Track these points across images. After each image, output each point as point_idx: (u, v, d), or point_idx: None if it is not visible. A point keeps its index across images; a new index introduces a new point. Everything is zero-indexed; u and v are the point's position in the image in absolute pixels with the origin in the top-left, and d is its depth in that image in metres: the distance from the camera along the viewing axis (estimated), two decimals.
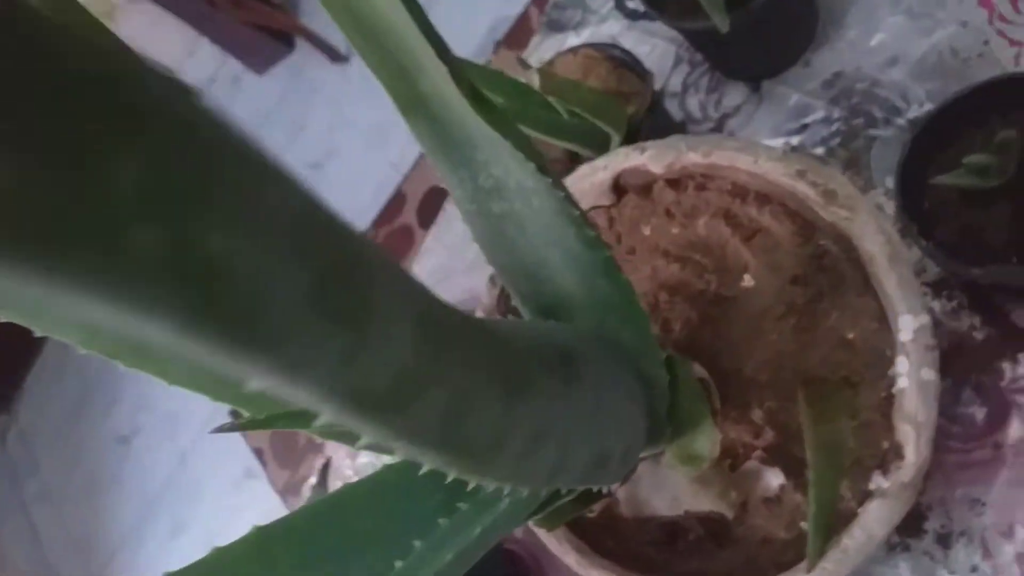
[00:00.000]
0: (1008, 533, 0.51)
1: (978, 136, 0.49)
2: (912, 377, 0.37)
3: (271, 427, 0.28)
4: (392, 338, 0.17)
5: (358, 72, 2.14)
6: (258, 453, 1.99)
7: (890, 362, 0.40)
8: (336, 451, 0.84)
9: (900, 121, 0.60)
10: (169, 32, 2.34)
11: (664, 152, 0.45)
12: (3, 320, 0.26)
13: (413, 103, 0.28)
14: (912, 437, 0.37)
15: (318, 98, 2.21)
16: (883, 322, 0.40)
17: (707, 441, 0.35)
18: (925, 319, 0.37)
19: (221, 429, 0.28)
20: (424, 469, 0.22)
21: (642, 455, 0.36)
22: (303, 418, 0.27)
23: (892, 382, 0.39)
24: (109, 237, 0.11)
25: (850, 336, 0.41)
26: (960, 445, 0.53)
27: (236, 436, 2.03)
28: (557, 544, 0.45)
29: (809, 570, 0.38)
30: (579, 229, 0.31)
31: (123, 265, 0.11)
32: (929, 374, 0.37)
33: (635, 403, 0.33)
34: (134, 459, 2.22)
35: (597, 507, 0.44)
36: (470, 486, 0.31)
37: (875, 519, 0.37)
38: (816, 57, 0.65)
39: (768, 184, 0.43)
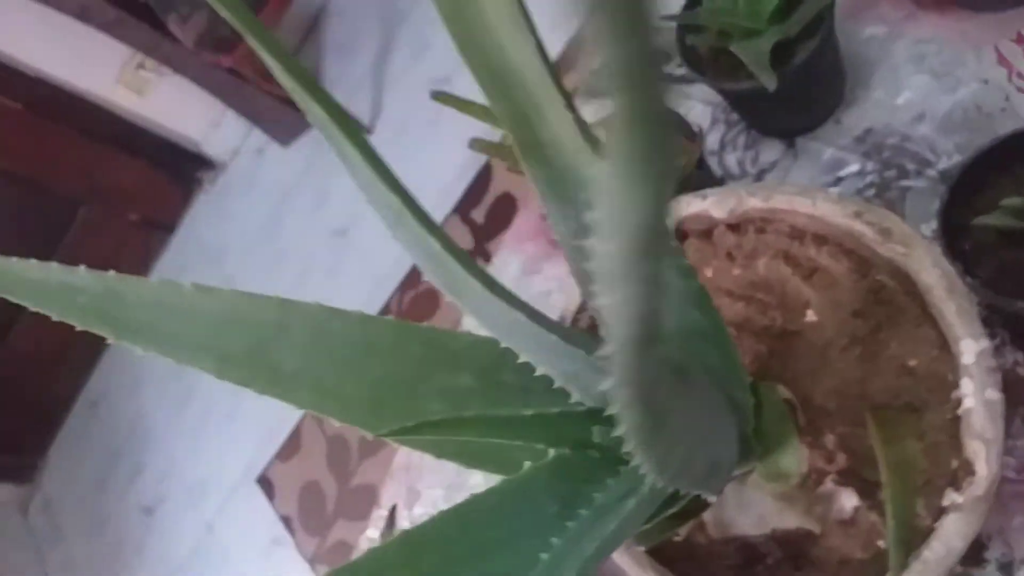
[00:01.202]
0: None
1: (1010, 182, 0.53)
2: (977, 397, 0.40)
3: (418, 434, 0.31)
4: None
5: (380, 142, 2.21)
6: (286, 521, 2.00)
7: (953, 385, 0.42)
8: (393, 500, 0.86)
9: (931, 172, 0.64)
10: (196, 104, 2.42)
11: (726, 198, 0.49)
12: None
13: (532, 147, 0.32)
14: (982, 453, 0.40)
15: (341, 168, 2.28)
16: (943, 349, 0.43)
17: (794, 458, 0.38)
18: (986, 343, 0.40)
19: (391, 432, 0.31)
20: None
21: (733, 473, 0.38)
22: (450, 428, 0.30)
23: (957, 404, 0.42)
24: None
25: (912, 363, 0.44)
26: (1015, 476, 0.55)
27: (263, 503, 2.04)
28: (640, 571, 0.47)
29: None
30: (674, 258, 0.34)
31: None
32: (993, 394, 0.40)
33: (729, 421, 0.35)
34: (158, 529, 2.22)
35: (684, 531, 0.47)
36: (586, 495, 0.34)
37: (953, 532, 0.40)
38: (846, 115, 0.69)
39: (825, 225, 0.47)
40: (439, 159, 1.98)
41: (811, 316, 0.47)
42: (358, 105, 2.22)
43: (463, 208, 1.92)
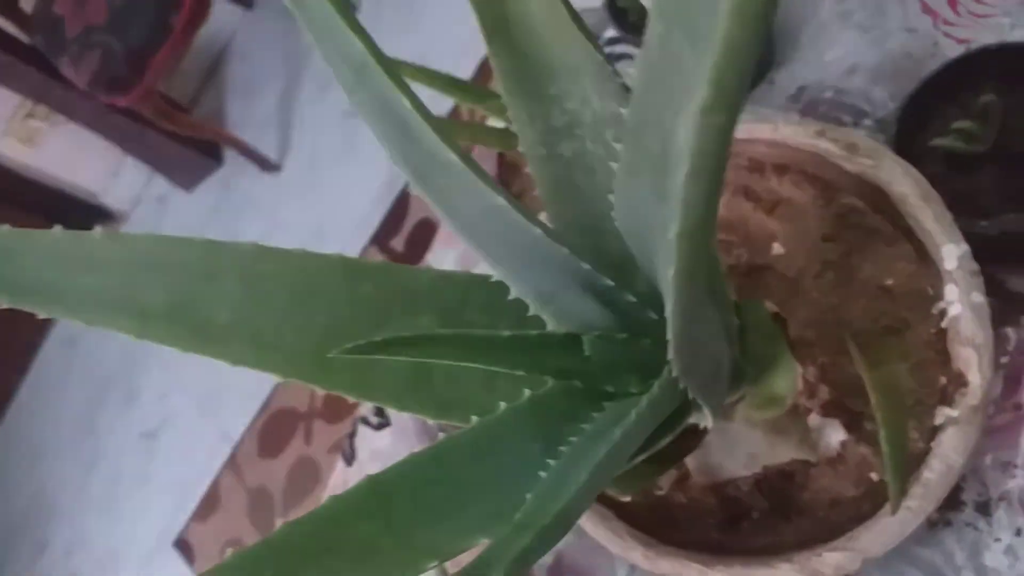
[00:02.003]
0: None
1: (957, 110, 0.52)
2: (964, 302, 0.38)
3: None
4: None
5: (290, 178, 2.15)
6: None
7: (934, 299, 0.41)
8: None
9: (868, 122, 0.64)
10: (93, 152, 2.31)
11: None
12: None
13: (499, 26, 0.28)
14: (974, 359, 0.37)
15: (250, 209, 2.20)
16: (921, 262, 0.41)
17: (788, 377, 0.35)
18: (965, 247, 0.39)
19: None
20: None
21: (725, 401, 0.35)
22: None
23: (940, 317, 0.40)
24: None
25: (888, 283, 0.42)
26: None
27: (183, 569, 1.90)
28: (621, 542, 0.43)
29: (894, 511, 0.37)
30: None
31: None
32: (979, 297, 0.38)
33: (721, 331, 0.32)
34: None
35: (666, 483, 0.43)
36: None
37: (951, 447, 0.37)
38: (779, 76, 0.69)
39: (786, 151, 0.45)
40: (353, 191, 1.94)
41: (778, 248, 0.45)
42: (266, 144, 2.16)
43: (381, 238, 1.87)
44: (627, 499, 0.37)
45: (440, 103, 0.87)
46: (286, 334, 0.33)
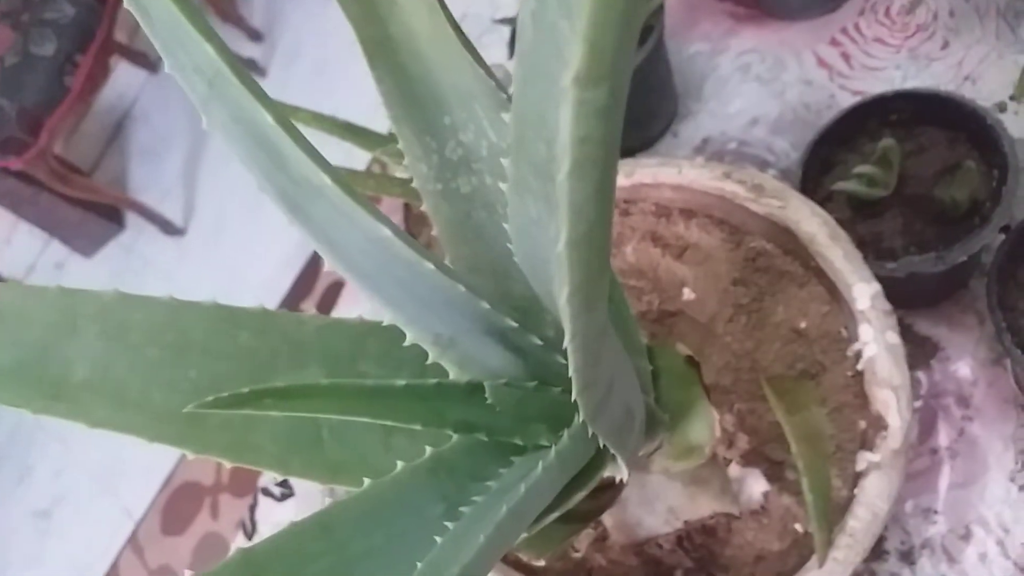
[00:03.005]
0: (966, 536, 0.50)
1: (857, 157, 0.53)
2: (879, 342, 0.37)
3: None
4: None
5: (194, 242, 2.07)
6: None
7: (848, 341, 0.40)
8: None
9: (771, 172, 0.64)
10: None
11: None
12: None
13: (381, 48, 0.26)
14: (892, 401, 0.36)
15: (152, 274, 2.11)
16: (833, 303, 0.40)
17: (704, 424, 0.33)
18: (877, 286, 0.38)
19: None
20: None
21: (640, 452, 0.33)
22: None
23: (855, 359, 0.39)
24: None
25: (802, 325, 0.41)
26: None
27: None
28: None
29: (821, 563, 0.36)
30: None
31: None
32: (894, 337, 0.37)
33: (632, 378, 0.30)
34: None
35: (583, 545, 0.40)
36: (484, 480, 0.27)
37: (875, 494, 0.36)
38: (683, 128, 0.69)
39: (692, 195, 0.44)
40: (261, 254, 1.88)
41: (688, 294, 0.44)
42: (170, 208, 2.09)
43: (291, 301, 1.81)
44: (540, 563, 0.34)
45: (355, 159, 0.85)
46: (153, 392, 0.30)
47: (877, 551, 0.53)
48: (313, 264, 1.81)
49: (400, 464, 0.29)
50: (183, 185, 2.13)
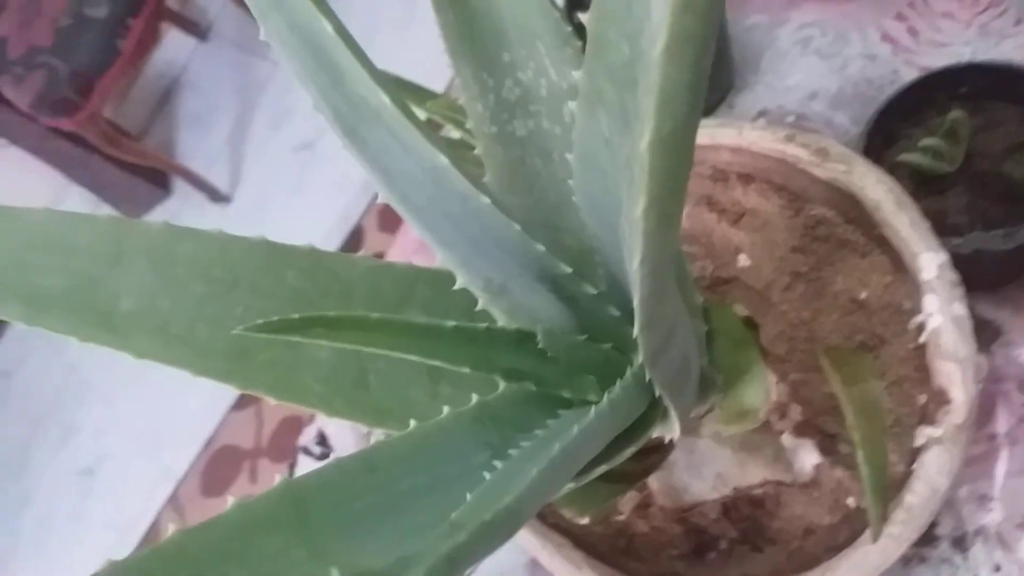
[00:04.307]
0: (1023, 524, 0.49)
1: (922, 131, 0.51)
2: (944, 313, 0.35)
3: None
4: None
5: (240, 210, 2.09)
6: None
7: (910, 313, 0.38)
8: None
9: None
10: (36, 180, 2.23)
11: None
12: None
13: None
14: (957, 375, 0.35)
15: None
16: (896, 273, 0.39)
17: (760, 388, 0.32)
18: (944, 255, 0.36)
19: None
20: None
21: (692, 414, 0.32)
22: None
23: (917, 333, 0.38)
24: None
25: (862, 296, 0.39)
26: None
27: None
28: (577, 572, 0.39)
29: (875, 538, 0.34)
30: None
31: None
32: (960, 309, 0.36)
33: (689, 333, 0.29)
34: None
35: (627, 508, 0.39)
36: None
37: (935, 469, 0.34)
38: (739, 100, 0.67)
39: (752, 159, 0.42)
40: (305, 224, 1.89)
41: (744, 261, 0.42)
42: (216, 176, 2.11)
43: None
44: (584, 521, 0.33)
45: None
46: (199, 326, 0.29)
47: (928, 536, 0.51)
48: (356, 236, 1.81)
49: (446, 409, 0.28)
50: (230, 153, 2.15)
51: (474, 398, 0.29)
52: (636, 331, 0.20)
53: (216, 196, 2.05)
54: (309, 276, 0.30)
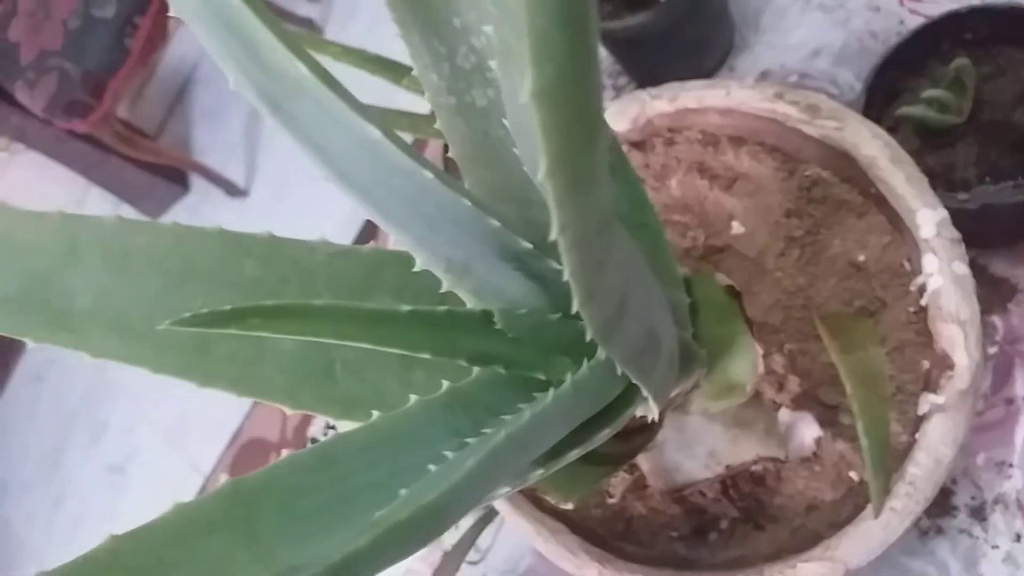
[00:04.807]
0: None
1: (926, 82, 0.49)
2: (945, 273, 0.34)
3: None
4: None
5: (257, 203, 2.10)
6: None
7: (911, 274, 0.36)
8: None
9: None
10: (56, 182, 2.25)
11: (628, 105, 0.42)
12: None
13: None
14: (960, 338, 0.33)
15: None
16: (895, 233, 0.37)
17: (745, 361, 0.30)
18: (944, 212, 0.34)
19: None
20: None
21: (675, 391, 0.30)
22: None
23: (919, 295, 0.36)
24: None
25: (860, 259, 0.38)
26: None
27: None
28: (573, 558, 0.38)
29: (877, 513, 0.33)
30: None
31: None
32: (961, 268, 0.34)
33: (664, 309, 0.28)
34: None
35: (618, 491, 0.38)
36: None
37: (939, 438, 0.33)
38: (739, 61, 0.65)
39: (742, 120, 0.40)
40: (321, 214, 1.89)
41: (738, 228, 0.41)
42: (232, 170, 2.11)
43: None
44: (569, 506, 0.32)
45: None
46: (157, 321, 0.28)
47: (945, 506, 0.49)
48: (371, 225, 1.81)
49: (414, 398, 0.27)
50: (245, 147, 2.15)
51: (444, 384, 0.28)
52: (575, 307, 0.18)
53: (233, 190, 2.05)
54: (268, 265, 0.29)
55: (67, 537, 2.03)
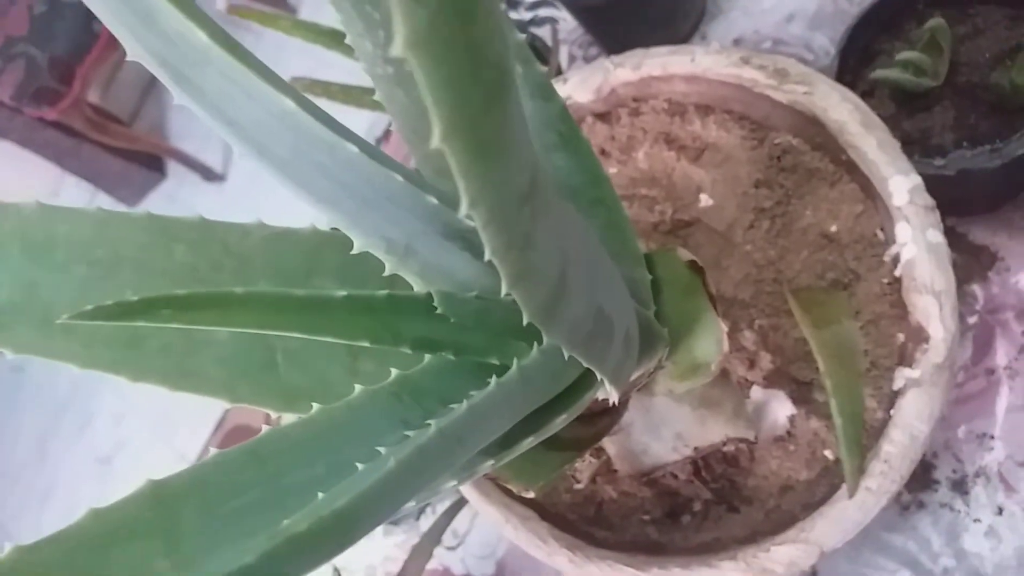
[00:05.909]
0: None
1: (902, 44, 0.47)
2: (919, 242, 0.32)
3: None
4: None
5: (235, 188, 2.07)
6: None
7: (884, 245, 0.35)
8: None
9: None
10: (31, 173, 2.22)
11: (590, 76, 0.40)
12: None
13: None
14: (935, 309, 0.32)
15: None
16: (867, 201, 0.35)
17: (710, 339, 0.29)
18: (917, 178, 0.33)
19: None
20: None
21: (637, 373, 0.29)
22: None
23: (893, 265, 0.34)
24: None
25: (832, 229, 0.36)
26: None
27: None
28: (544, 546, 0.37)
29: (852, 493, 0.31)
30: (526, 67, 0.25)
31: None
32: (935, 236, 0.32)
33: (620, 287, 0.26)
34: None
35: (584, 476, 0.37)
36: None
37: (914, 414, 0.31)
38: (712, 28, 0.63)
39: (708, 88, 0.39)
40: (297, 201, 1.86)
41: (706, 200, 0.39)
42: (209, 155, 2.08)
43: None
44: (530, 495, 0.31)
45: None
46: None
47: (926, 480, 0.48)
48: None
49: (358, 388, 0.25)
50: None
51: (393, 372, 0.26)
52: (504, 288, 0.17)
53: (210, 175, 2.02)
54: (199, 250, 0.28)
55: (56, 529, 2.02)
